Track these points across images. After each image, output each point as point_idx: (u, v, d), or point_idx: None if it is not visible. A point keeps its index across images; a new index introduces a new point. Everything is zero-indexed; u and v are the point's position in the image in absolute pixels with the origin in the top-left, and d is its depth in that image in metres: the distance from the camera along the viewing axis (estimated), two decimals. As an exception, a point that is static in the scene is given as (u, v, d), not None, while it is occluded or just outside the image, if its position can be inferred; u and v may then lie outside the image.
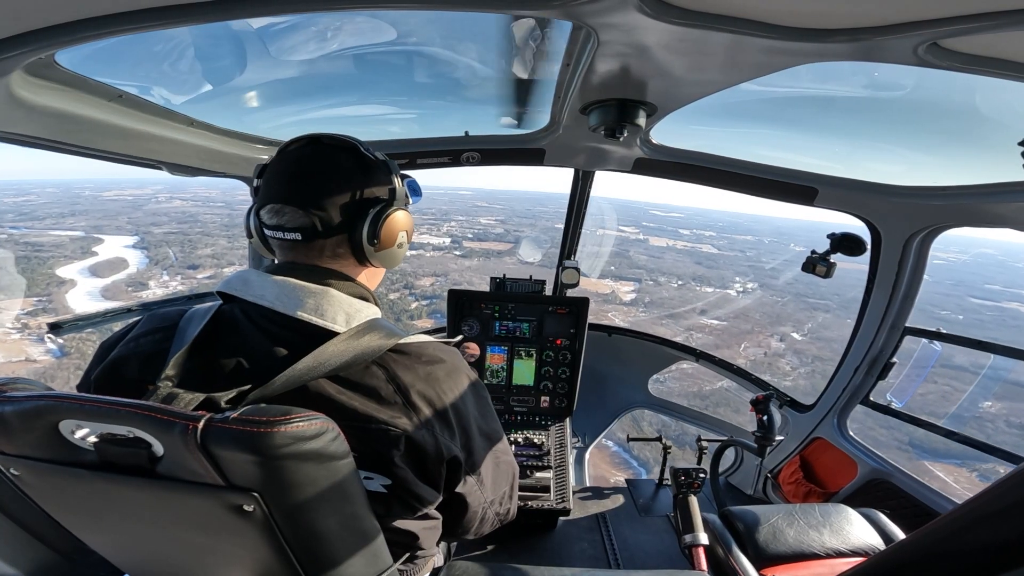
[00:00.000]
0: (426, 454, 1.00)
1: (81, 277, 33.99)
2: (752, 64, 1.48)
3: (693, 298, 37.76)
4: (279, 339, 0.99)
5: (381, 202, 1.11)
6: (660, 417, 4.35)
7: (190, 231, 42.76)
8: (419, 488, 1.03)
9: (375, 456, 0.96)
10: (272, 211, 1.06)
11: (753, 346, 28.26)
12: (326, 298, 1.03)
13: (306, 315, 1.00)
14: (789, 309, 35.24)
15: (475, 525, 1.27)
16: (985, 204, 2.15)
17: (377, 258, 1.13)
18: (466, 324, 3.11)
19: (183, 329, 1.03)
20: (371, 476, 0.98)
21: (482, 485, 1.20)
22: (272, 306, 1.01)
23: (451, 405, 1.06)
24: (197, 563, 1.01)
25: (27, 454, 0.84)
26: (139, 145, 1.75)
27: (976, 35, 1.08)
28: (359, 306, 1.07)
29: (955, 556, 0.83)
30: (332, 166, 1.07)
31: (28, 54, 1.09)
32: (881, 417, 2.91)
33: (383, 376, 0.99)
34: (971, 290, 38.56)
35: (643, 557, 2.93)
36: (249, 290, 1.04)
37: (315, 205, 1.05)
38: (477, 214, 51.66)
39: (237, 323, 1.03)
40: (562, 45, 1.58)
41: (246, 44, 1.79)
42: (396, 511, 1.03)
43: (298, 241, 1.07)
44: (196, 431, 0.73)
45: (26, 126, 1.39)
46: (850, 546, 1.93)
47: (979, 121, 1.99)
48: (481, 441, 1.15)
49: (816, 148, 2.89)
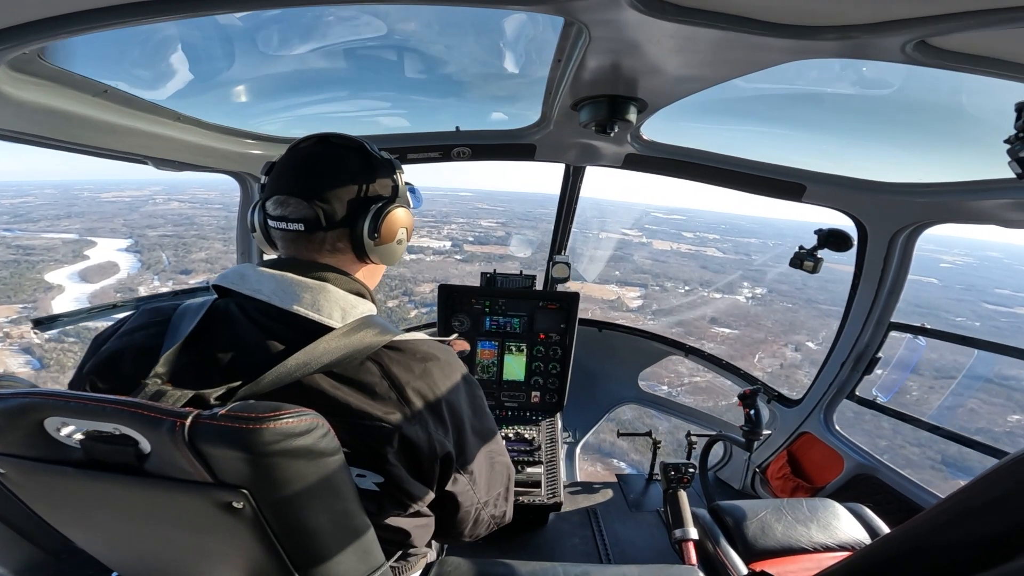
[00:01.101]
0: (419, 450, 1.01)
1: (70, 282, 32.46)
2: (742, 61, 1.49)
3: (702, 304, 36.31)
4: (274, 333, 1.00)
5: (383, 199, 1.13)
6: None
7: (185, 234, 41.45)
8: (411, 486, 1.03)
9: (368, 452, 0.96)
10: (277, 202, 1.08)
11: (768, 356, 26.99)
12: (323, 293, 1.04)
13: (302, 310, 1.00)
14: (801, 316, 34.02)
15: (468, 526, 1.27)
16: (971, 201, 2.17)
17: (376, 253, 1.14)
18: (457, 319, 3.10)
19: (176, 324, 1.03)
20: (364, 474, 0.98)
21: (475, 485, 1.20)
22: (268, 300, 1.01)
23: (445, 402, 1.06)
24: (186, 561, 1.01)
25: (13, 452, 0.83)
26: (125, 140, 1.73)
27: (964, 33, 1.09)
28: (355, 302, 1.07)
29: (940, 550, 0.85)
30: (338, 162, 1.10)
31: (12, 49, 1.08)
32: (912, 435, 2.91)
33: (378, 372, 0.99)
34: (982, 295, 37.99)
35: (633, 552, 2.95)
36: (246, 284, 1.04)
37: (319, 197, 1.06)
38: (478, 216, 50.61)
39: (232, 317, 1.03)
40: (553, 41, 1.57)
41: (233, 38, 1.78)
42: (388, 509, 1.03)
43: (300, 232, 1.08)
44: (184, 428, 0.72)
45: (11, 122, 1.37)
46: (837, 540, 1.96)
47: (966, 119, 2.02)
48: (474, 439, 1.16)
49: (804, 145, 2.91)
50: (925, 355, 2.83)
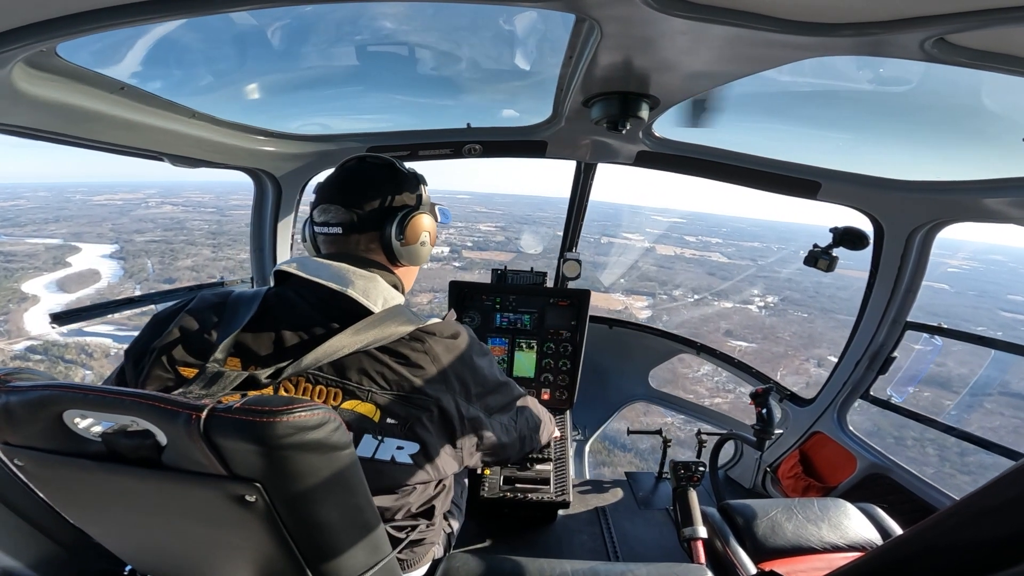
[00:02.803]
0: (452, 416, 1.19)
1: (47, 292, 30.82)
2: (756, 58, 1.47)
3: (715, 316, 34.51)
4: (329, 314, 1.17)
5: (408, 207, 1.35)
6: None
7: (174, 239, 39.78)
8: (443, 453, 1.21)
9: (411, 421, 1.13)
10: (322, 210, 1.32)
11: (791, 373, 25.34)
12: (372, 282, 1.22)
13: (355, 294, 1.18)
14: (819, 327, 32.29)
15: (512, 455, 1.51)
16: (989, 200, 2.14)
17: (403, 254, 1.35)
18: (467, 316, 3.11)
19: (232, 310, 1.17)
20: (402, 445, 1.13)
21: (506, 432, 1.44)
22: (327, 282, 1.18)
23: (472, 370, 1.28)
24: (199, 553, 1.02)
25: (32, 444, 0.85)
26: (142, 137, 1.76)
27: (984, 30, 1.07)
28: (394, 294, 1.27)
29: (953, 552, 0.84)
30: (371, 177, 1.34)
31: (29, 46, 1.09)
32: (956, 454, 2.85)
33: (420, 347, 1.18)
34: (996, 302, 36.67)
35: (642, 550, 2.94)
36: (307, 269, 1.22)
37: (355, 205, 1.30)
38: (476, 220, 49.31)
39: (291, 301, 1.21)
40: (565, 37, 1.57)
41: (247, 36, 1.79)
42: (419, 476, 1.18)
43: (339, 235, 1.31)
44: (199, 421, 0.73)
45: (28, 118, 1.39)
46: (848, 541, 1.94)
47: (984, 116, 1.98)
48: (498, 399, 1.42)
49: (819, 142, 2.87)
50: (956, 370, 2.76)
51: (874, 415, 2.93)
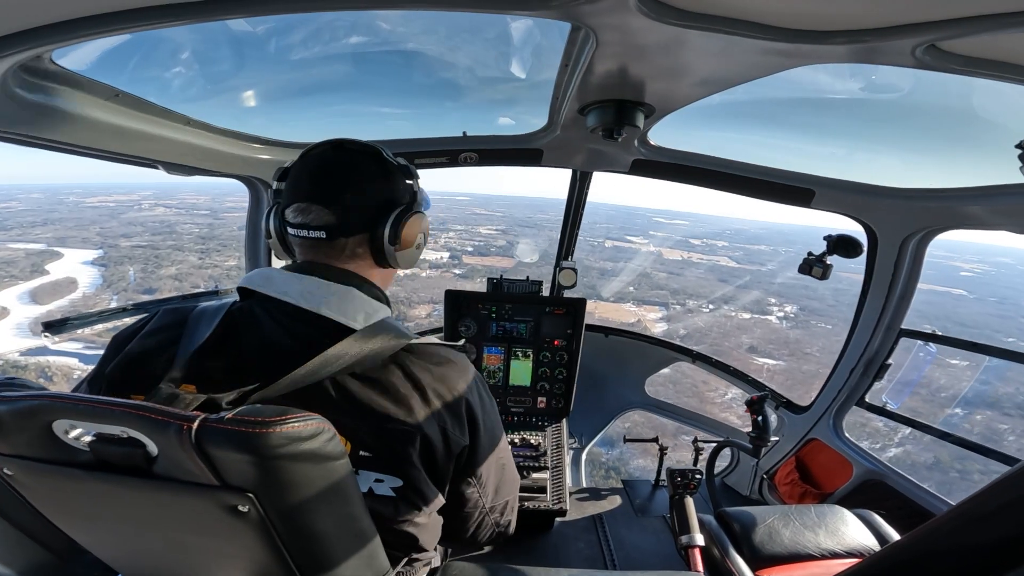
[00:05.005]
0: (437, 451, 1.03)
1: (18, 304, 27.65)
2: (751, 66, 1.49)
3: (734, 328, 31.86)
4: (299, 335, 1.02)
5: (402, 205, 1.15)
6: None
7: (161, 244, 36.70)
8: (427, 487, 1.05)
9: (391, 455, 0.99)
10: (298, 210, 1.09)
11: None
12: (348, 297, 1.06)
13: (330, 312, 1.03)
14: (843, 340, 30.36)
15: (472, 530, 1.29)
16: (982, 206, 2.15)
17: (395, 259, 1.16)
18: (463, 324, 3.10)
19: (192, 327, 1.04)
20: (382, 478, 1.00)
21: (484, 488, 1.22)
22: (296, 302, 1.03)
23: (462, 403, 1.09)
24: (192, 564, 1.01)
25: (21, 453, 0.84)
26: (136, 144, 1.74)
27: (975, 36, 1.08)
28: (377, 306, 1.10)
29: (950, 557, 0.83)
30: (356, 169, 1.11)
31: (24, 52, 1.08)
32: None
33: (400, 374, 1.02)
34: (1020, 309, 34.81)
35: (639, 558, 2.93)
36: (272, 286, 1.06)
37: (340, 203, 1.08)
38: (476, 223, 47.49)
39: (257, 320, 1.04)
40: (560, 46, 1.58)
41: (243, 44, 1.79)
42: (403, 512, 1.04)
43: (321, 240, 1.09)
44: (191, 431, 0.72)
45: (22, 125, 1.38)
46: (845, 547, 1.93)
47: (976, 123, 2.00)
48: (487, 443, 1.18)
49: (813, 150, 2.90)
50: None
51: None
